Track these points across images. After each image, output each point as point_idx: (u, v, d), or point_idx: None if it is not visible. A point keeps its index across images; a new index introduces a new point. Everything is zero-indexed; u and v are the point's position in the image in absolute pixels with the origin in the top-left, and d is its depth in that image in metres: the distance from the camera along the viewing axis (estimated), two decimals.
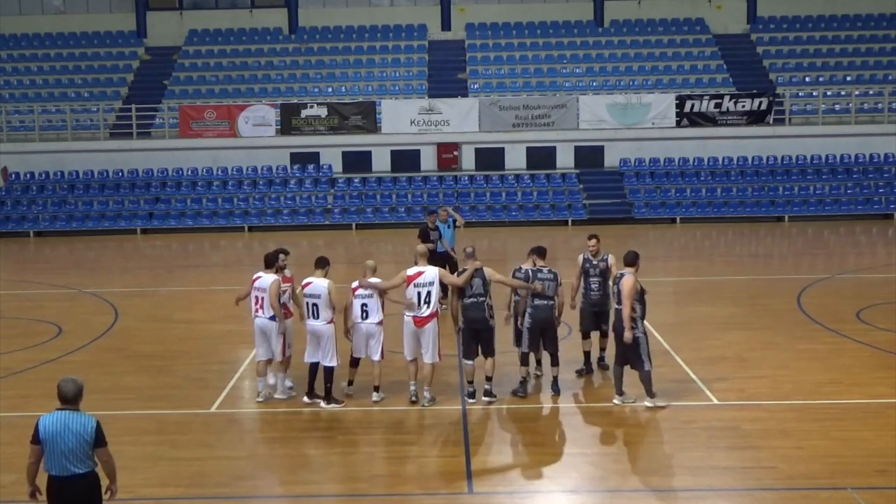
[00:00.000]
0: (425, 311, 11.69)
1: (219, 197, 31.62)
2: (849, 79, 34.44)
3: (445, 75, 35.79)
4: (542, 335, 12.07)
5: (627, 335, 11.33)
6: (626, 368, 11.64)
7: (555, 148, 32.27)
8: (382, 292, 11.86)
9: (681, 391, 12.17)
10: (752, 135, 31.95)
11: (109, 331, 16.64)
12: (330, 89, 35.10)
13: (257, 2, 38.39)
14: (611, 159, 32.36)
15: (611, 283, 12.28)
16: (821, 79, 34.50)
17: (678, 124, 32.09)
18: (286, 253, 12.36)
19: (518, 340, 12.33)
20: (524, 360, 12.20)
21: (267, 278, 11.89)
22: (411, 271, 11.81)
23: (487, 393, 11.95)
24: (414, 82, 35.41)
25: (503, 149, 32.28)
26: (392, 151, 32.22)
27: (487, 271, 11.81)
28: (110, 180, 32.19)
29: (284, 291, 12.09)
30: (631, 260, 11.61)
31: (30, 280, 22.80)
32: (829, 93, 33.51)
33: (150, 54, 37.40)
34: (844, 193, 30.92)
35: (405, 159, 32.19)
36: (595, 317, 12.91)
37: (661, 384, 11.95)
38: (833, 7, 37.64)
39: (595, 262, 12.90)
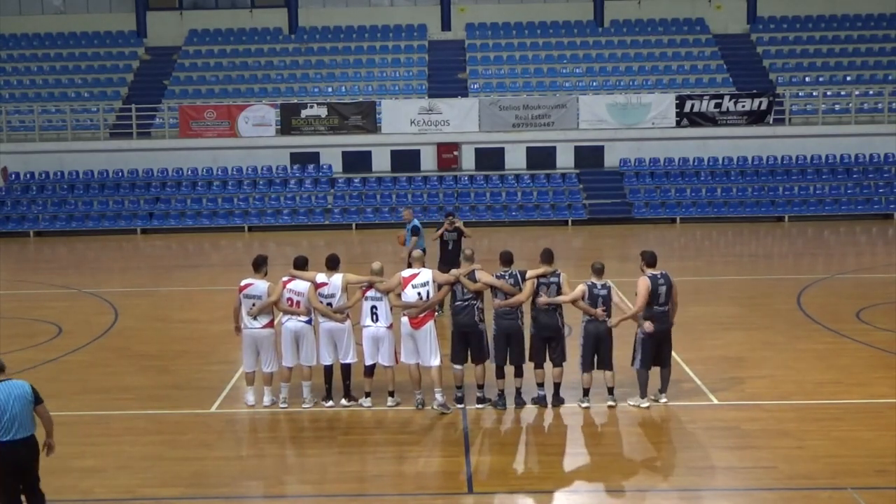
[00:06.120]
0: (423, 313, 11.62)
1: (219, 197, 31.62)
2: (849, 79, 34.44)
3: (445, 75, 35.79)
4: (507, 344, 11.64)
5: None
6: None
7: (555, 148, 32.28)
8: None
9: (681, 391, 12.16)
10: (752, 135, 31.95)
11: (109, 331, 16.64)
12: (330, 89, 35.09)
13: (257, 2, 38.40)
14: (611, 159, 32.37)
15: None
16: (821, 79, 34.50)
17: (678, 124, 32.09)
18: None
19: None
20: (521, 372, 11.78)
21: (301, 281, 11.84)
22: (406, 273, 11.77)
23: (480, 400, 11.81)
24: (414, 82, 35.40)
25: (503, 149, 32.28)
26: (392, 151, 32.22)
27: (479, 274, 11.67)
28: (110, 180, 32.19)
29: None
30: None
31: (30, 280, 22.80)
32: (829, 93, 33.51)
33: (150, 54, 37.41)
34: (844, 193, 30.92)
35: (405, 159, 32.18)
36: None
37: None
38: (833, 7, 37.65)
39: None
